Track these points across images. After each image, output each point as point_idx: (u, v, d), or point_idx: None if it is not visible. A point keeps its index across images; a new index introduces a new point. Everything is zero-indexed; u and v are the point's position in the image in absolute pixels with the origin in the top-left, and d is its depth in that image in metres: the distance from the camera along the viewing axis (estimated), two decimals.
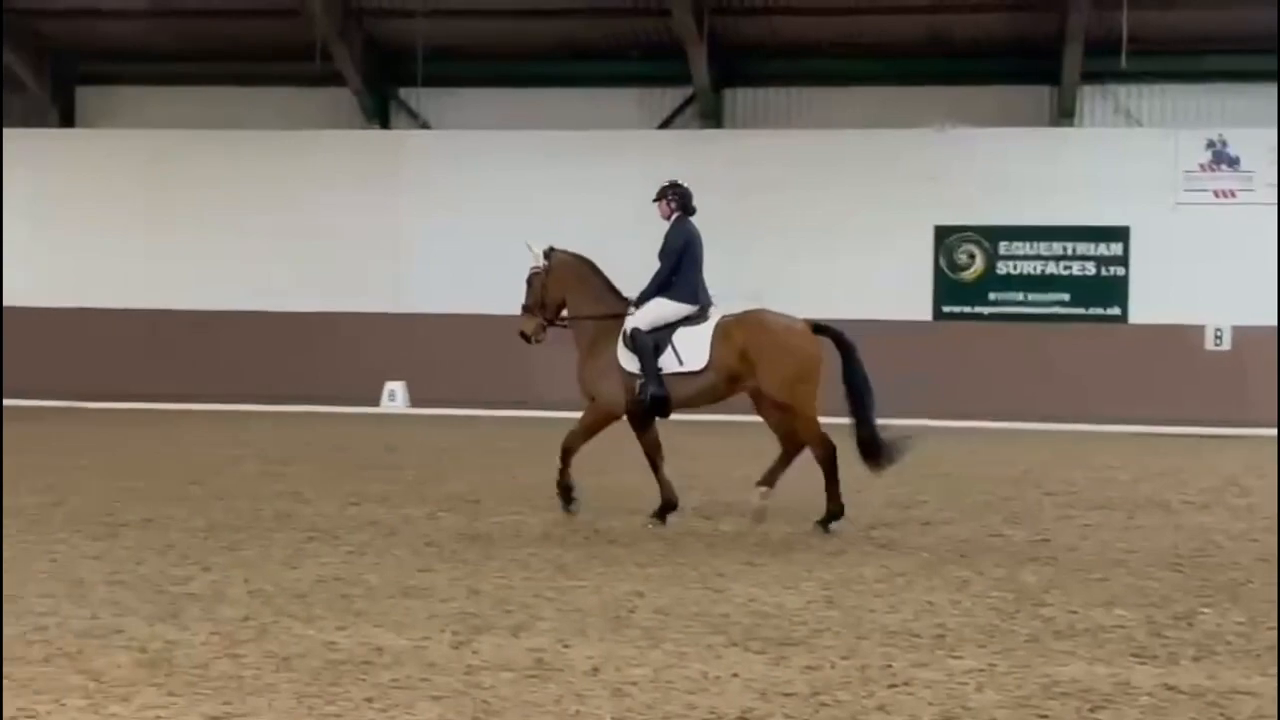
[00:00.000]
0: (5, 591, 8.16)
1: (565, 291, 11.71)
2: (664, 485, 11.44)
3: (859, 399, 10.99)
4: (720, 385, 11.22)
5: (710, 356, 11.10)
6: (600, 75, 26.65)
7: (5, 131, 26.90)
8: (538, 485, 13.54)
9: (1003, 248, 25.78)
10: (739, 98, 27.02)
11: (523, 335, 11.82)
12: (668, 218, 11.75)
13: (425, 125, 27.15)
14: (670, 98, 26.83)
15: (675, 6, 24.23)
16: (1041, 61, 25.71)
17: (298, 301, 25.75)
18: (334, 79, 26.22)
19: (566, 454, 11.51)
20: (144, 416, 22.41)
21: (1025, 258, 25.81)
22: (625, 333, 11.31)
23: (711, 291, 11.52)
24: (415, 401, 24.68)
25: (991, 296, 25.85)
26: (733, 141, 26.28)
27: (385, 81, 27.02)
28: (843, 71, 26.33)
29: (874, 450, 11.03)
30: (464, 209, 26.01)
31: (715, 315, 11.37)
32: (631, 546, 10.10)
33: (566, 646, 7.02)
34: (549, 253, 11.87)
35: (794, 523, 11.37)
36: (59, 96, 27.34)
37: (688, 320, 11.29)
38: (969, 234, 25.74)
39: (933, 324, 25.71)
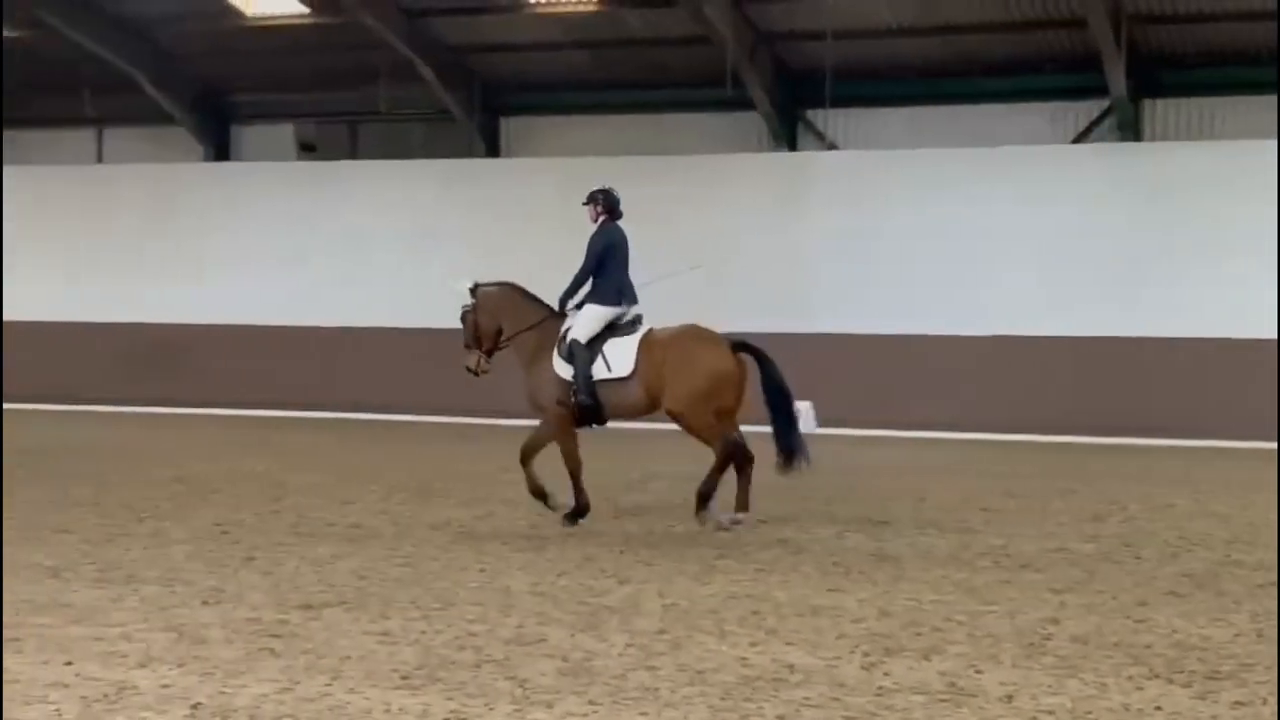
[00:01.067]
0: (438, 600, 8.62)
1: (498, 318, 12.33)
2: (580, 490, 11.98)
3: (776, 408, 11.88)
4: (644, 395, 11.82)
5: (636, 365, 11.74)
6: (1011, 90, 26.12)
7: (438, 162, 28.39)
8: (948, 507, 13.39)
9: None
10: (1159, 109, 26.01)
11: (468, 370, 12.44)
12: (595, 221, 12.40)
13: (833, 146, 27.23)
14: (1085, 111, 26.07)
15: (1091, 16, 23.55)
16: None
17: (707, 321, 26.17)
18: (743, 103, 26.62)
19: (574, 476, 12.00)
20: None
21: None
22: (562, 343, 11.92)
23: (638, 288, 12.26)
24: (823, 422, 24.72)
25: None
26: (1153, 154, 25.31)
27: (793, 104, 27.25)
28: (1273, 78, 25.00)
29: (789, 454, 11.92)
30: (872, 229, 25.96)
31: (645, 327, 12.04)
32: (1046, 571, 9.85)
33: (979, 672, 6.90)
34: (474, 289, 12.47)
35: (1215, 550, 10.86)
36: (486, 127, 28.71)
37: (619, 330, 11.94)
38: None
39: None
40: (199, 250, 28.65)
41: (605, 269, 12.13)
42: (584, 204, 12.56)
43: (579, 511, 11.98)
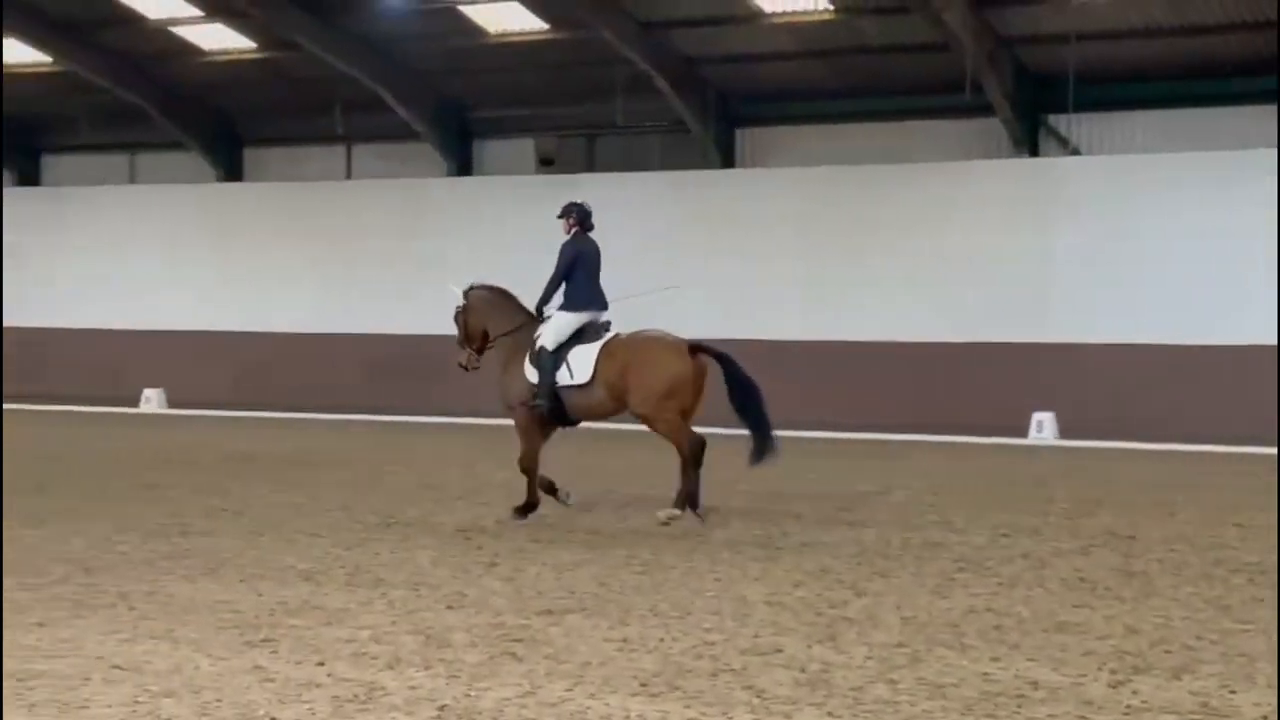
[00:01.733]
0: (675, 608, 8.68)
1: (484, 321, 13.26)
2: (533, 488, 12.73)
3: (744, 403, 12.28)
4: (607, 398, 12.53)
5: (595, 371, 12.44)
6: (1262, 91, 25.18)
7: (673, 173, 28.59)
8: (1199, 522, 12.98)
9: None
10: None
11: (460, 365, 13.41)
12: (569, 233, 12.97)
13: (1076, 151, 26.62)
14: None
15: None
16: None
17: (946, 330, 25.89)
18: (983, 109, 26.22)
19: (529, 474, 12.78)
20: (807, 446, 23.06)
21: None
22: (533, 348, 12.69)
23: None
24: (1065, 433, 24.18)
25: None
26: None
27: (1034, 108, 26.72)
28: None
29: (761, 447, 12.28)
30: (1117, 235, 25.31)
31: (609, 334, 12.68)
32: None
33: (1233, 693, 6.67)
34: (468, 291, 13.49)
35: None
36: (721, 138, 28.81)
37: (586, 337, 12.63)
38: None
39: None
40: (442, 262, 29.34)
41: (575, 277, 12.82)
42: (559, 217, 13.15)
43: (527, 507, 12.68)
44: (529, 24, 27.08)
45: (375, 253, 29.86)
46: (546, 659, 7.28)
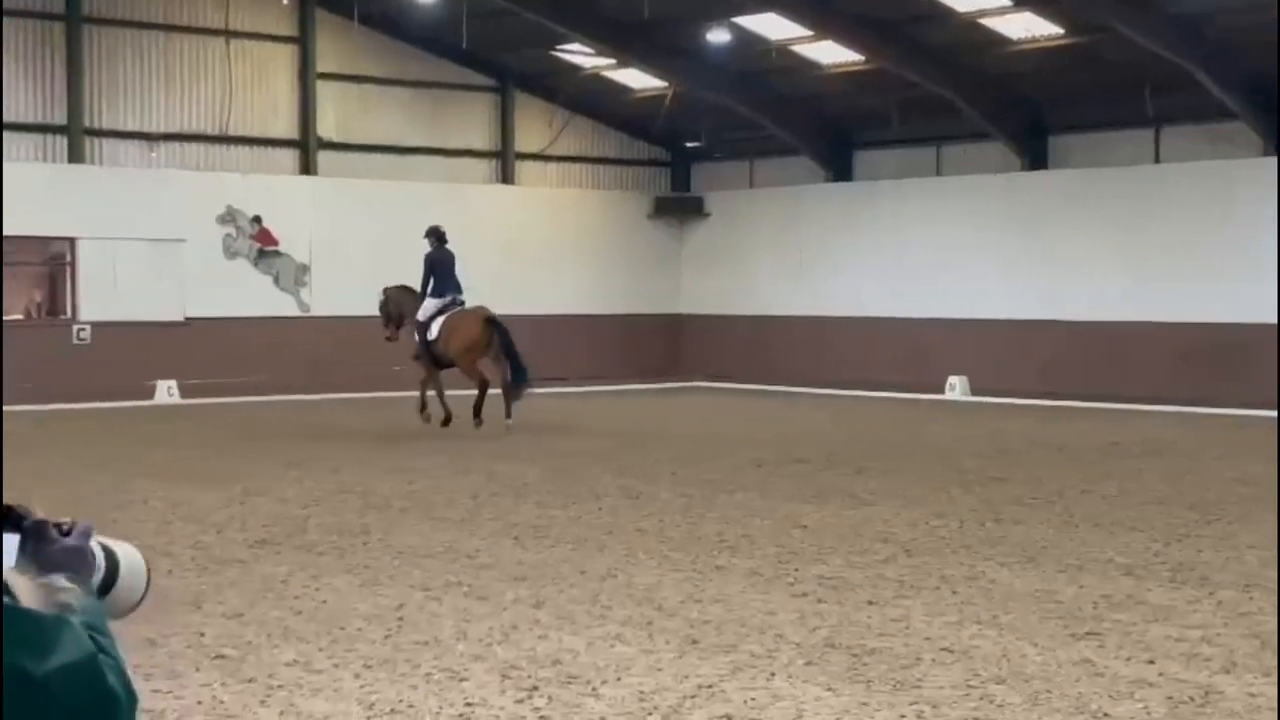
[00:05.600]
0: None
1: (399, 308, 19.57)
2: (445, 404, 18.90)
3: (508, 359, 18.77)
4: (446, 350, 18.74)
5: (439, 332, 18.77)
6: None
7: None
8: None
9: None
10: None
11: (387, 339, 19.93)
12: (432, 248, 19.17)
13: None
14: None
15: None
16: None
17: None
18: None
19: (422, 395, 19.27)
20: None
21: None
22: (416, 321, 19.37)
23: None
24: None
25: None
26: None
27: None
28: None
29: (518, 381, 18.76)
30: None
31: (455, 309, 19.11)
32: None
33: None
34: (387, 290, 19.90)
35: None
36: None
37: (446, 310, 18.97)
38: None
39: None
40: (1256, 247, 27.82)
41: (436, 275, 19.10)
42: (424, 237, 19.34)
43: (443, 421, 18.89)
44: None
45: (1184, 238, 28.77)
46: None
